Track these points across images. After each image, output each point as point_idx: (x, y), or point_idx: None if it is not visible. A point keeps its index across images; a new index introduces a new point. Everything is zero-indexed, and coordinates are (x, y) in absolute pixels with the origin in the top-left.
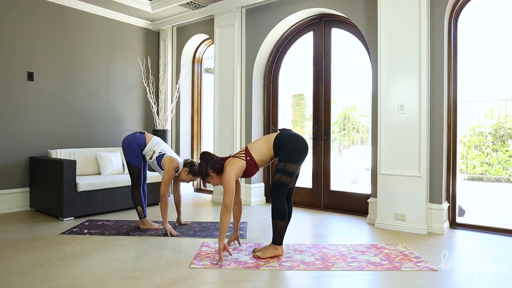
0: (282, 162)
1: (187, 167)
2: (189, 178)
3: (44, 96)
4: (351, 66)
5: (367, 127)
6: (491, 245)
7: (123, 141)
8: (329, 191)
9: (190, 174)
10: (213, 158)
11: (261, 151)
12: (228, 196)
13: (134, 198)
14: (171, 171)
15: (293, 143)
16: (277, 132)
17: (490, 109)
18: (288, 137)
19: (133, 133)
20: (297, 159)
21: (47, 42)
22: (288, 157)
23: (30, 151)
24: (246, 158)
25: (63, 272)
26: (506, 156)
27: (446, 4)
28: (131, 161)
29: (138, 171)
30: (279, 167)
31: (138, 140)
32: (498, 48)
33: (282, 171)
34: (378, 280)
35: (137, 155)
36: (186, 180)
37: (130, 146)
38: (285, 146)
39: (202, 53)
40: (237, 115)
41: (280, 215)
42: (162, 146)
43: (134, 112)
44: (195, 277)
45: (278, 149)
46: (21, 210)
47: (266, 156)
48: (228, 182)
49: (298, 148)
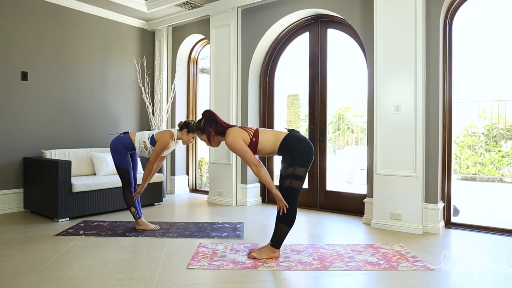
0: (291, 166)
1: (184, 128)
2: (190, 137)
3: (38, 96)
4: (345, 67)
5: (362, 127)
6: (486, 244)
7: (110, 144)
8: (325, 191)
9: (190, 133)
10: (216, 118)
11: (267, 143)
12: (247, 156)
13: (126, 200)
14: (164, 141)
15: (302, 147)
16: (286, 132)
17: (483, 110)
18: (297, 140)
19: (117, 135)
20: (306, 163)
21: (41, 41)
22: (297, 161)
23: (24, 151)
24: (252, 138)
25: (60, 273)
26: (498, 156)
27: (442, 5)
28: (118, 163)
29: (127, 173)
30: (289, 172)
31: (123, 141)
32: (491, 49)
33: (293, 176)
34: (376, 279)
35: (124, 156)
36: (189, 140)
37: (116, 148)
38: (293, 149)
39: (198, 53)
40: (233, 116)
41: (289, 221)
42: (148, 132)
43: (129, 112)
44: (193, 278)
45: (285, 150)
46: (15, 211)
47: (267, 149)
48: (240, 149)
49: (306, 152)
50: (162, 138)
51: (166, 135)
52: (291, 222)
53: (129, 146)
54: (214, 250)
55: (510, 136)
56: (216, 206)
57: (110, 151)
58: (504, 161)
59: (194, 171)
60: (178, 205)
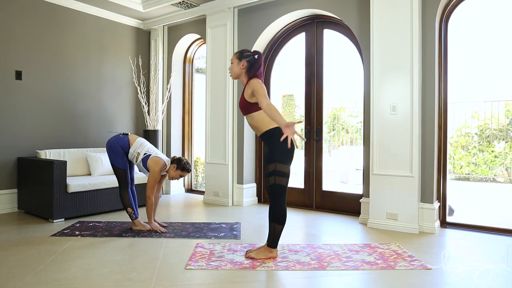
0: (273, 162)
1: (174, 163)
2: (178, 174)
3: (33, 95)
4: (340, 67)
5: (356, 128)
6: (482, 244)
7: (107, 143)
8: (321, 191)
9: (178, 170)
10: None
11: (264, 116)
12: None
13: (122, 200)
14: (156, 173)
15: (284, 143)
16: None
17: (475, 111)
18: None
19: (116, 135)
20: (288, 161)
21: (36, 40)
22: (279, 157)
23: (18, 151)
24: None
25: (57, 275)
26: (491, 157)
27: (438, 6)
28: (115, 163)
29: (124, 173)
30: (271, 169)
31: (121, 142)
32: (484, 51)
33: (275, 173)
34: (374, 279)
35: (121, 157)
36: (175, 177)
37: (113, 148)
38: (275, 142)
39: (193, 53)
40: (229, 116)
41: (279, 219)
42: (147, 147)
43: (125, 112)
44: (192, 278)
45: (269, 137)
46: (9, 211)
47: (260, 120)
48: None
49: (289, 151)
50: (153, 170)
51: (157, 167)
52: (282, 220)
53: (126, 149)
54: (211, 250)
55: (503, 137)
56: (212, 206)
57: (107, 150)
58: (497, 161)
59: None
60: (173, 205)
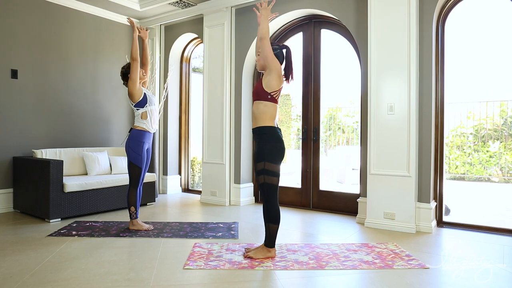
0: (261, 161)
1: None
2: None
3: (29, 94)
4: (337, 67)
5: (352, 128)
6: (478, 243)
7: (125, 144)
8: (318, 191)
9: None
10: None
11: (269, 110)
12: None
13: (129, 198)
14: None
15: (278, 146)
16: (275, 126)
17: (470, 111)
18: (277, 138)
19: (128, 136)
20: (277, 161)
21: (32, 39)
22: (268, 156)
23: (13, 150)
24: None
25: (54, 275)
26: (486, 156)
27: (435, 7)
28: (133, 161)
29: (139, 171)
30: (259, 167)
31: (135, 134)
32: (480, 51)
33: (264, 172)
34: (372, 278)
35: (139, 153)
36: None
37: (132, 146)
38: (264, 141)
39: (190, 52)
40: (227, 115)
41: (273, 219)
42: (136, 115)
43: (121, 111)
44: (191, 278)
45: (262, 134)
46: (4, 211)
47: (267, 110)
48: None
49: (278, 152)
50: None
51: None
52: (276, 219)
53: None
54: (209, 250)
55: (498, 137)
56: (209, 206)
57: (126, 149)
58: (492, 161)
59: (186, 170)
60: (171, 205)
